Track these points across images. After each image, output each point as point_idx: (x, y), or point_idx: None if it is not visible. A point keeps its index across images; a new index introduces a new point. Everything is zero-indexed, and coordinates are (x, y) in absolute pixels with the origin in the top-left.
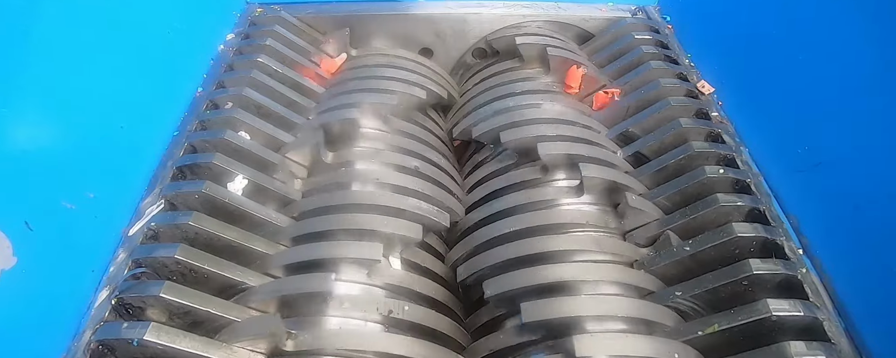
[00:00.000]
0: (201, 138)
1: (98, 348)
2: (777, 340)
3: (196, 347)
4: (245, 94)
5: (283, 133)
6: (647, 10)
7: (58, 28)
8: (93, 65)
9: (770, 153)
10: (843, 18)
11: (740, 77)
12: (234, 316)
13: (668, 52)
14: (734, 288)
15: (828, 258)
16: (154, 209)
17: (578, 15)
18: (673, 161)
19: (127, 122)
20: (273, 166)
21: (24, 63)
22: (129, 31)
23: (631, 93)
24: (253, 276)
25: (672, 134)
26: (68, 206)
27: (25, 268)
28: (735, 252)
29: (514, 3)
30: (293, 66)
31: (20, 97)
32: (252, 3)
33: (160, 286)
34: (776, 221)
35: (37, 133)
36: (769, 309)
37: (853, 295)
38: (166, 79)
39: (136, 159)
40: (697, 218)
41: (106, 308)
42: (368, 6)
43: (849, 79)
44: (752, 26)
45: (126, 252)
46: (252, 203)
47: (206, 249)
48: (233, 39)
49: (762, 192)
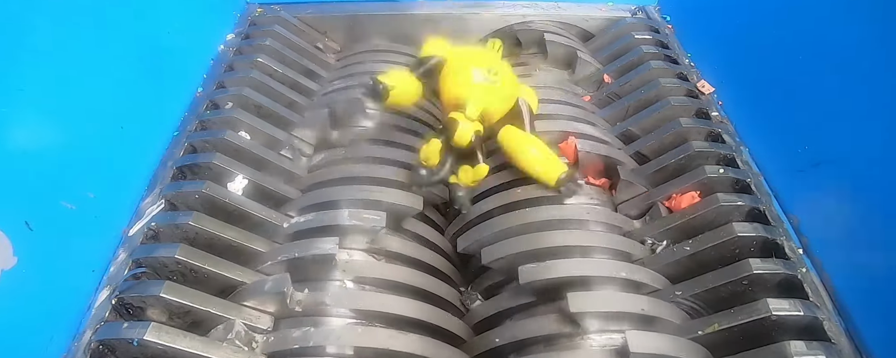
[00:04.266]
0: (201, 138)
1: (98, 348)
2: (777, 339)
3: (196, 347)
4: (245, 94)
5: (282, 133)
6: (647, 9)
7: (58, 28)
8: (93, 65)
9: (770, 153)
10: (843, 18)
11: (740, 77)
12: (234, 316)
13: (668, 52)
14: (734, 288)
15: (828, 258)
16: (154, 209)
17: (578, 14)
18: (673, 160)
19: (127, 122)
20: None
21: (24, 63)
22: (130, 31)
23: (631, 92)
24: (253, 275)
25: (672, 133)
26: (68, 206)
27: (26, 268)
28: (735, 252)
29: (515, 3)
30: (293, 67)
31: (20, 97)
32: (252, 4)
33: (160, 286)
34: (776, 220)
35: (37, 133)
36: (769, 308)
37: (853, 295)
38: (166, 79)
39: (137, 159)
40: (697, 218)
41: (106, 308)
42: (368, 6)
43: (849, 79)
44: (752, 26)
45: (126, 252)
46: (252, 203)
47: (207, 249)
48: (233, 39)
49: (762, 191)
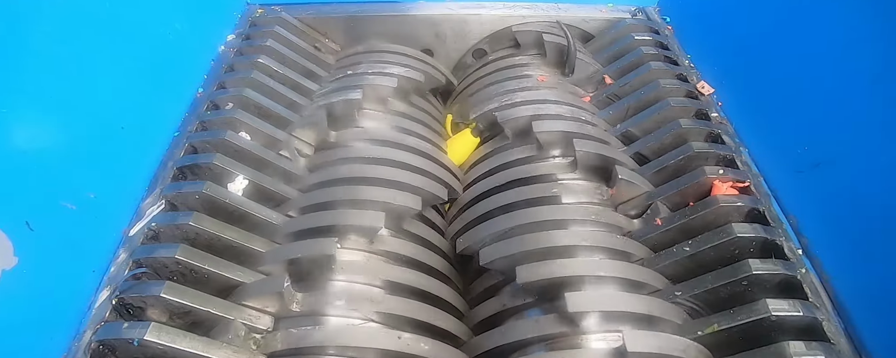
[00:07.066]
0: (202, 139)
1: (98, 348)
2: (776, 340)
3: (196, 347)
4: (245, 94)
5: (283, 133)
6: (647, 10)
7: (58, 28)
8: (93, 65)
9: (770, 153)
10: (843, 18)
11: (740, 78)
12: (235, 316)
13: (668, 53)
14: (734, 288)
15: (827, 258)
16: (154, 209)
17: (578, 16)
18: (673, 161)
19: (127, 122)
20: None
21: (24, 63)
22: (130, 31)
23: (631, 93)
24: (253, 276)
25: (672, 134)
26: (69, 206)
27: (26, 268)
28: (735, 252)
29: (514, 4)
30: (293, 68)
31: (20, 97)
32: (252, 4)
33: (161, 286)
34: (776, 221)
35: (37, 133)
36: (769, 309)
37: (852, 295)
38: (167, 79)
39: (137, 160)
40: (697, 218)
41: (106, 308)
42: (368, 7)
43: (848, 79)
44: (752, 27)
45: (126, 252)
46: (252, 203)
47: (207, 249)
48: (233, 40)
49: (762, 192)
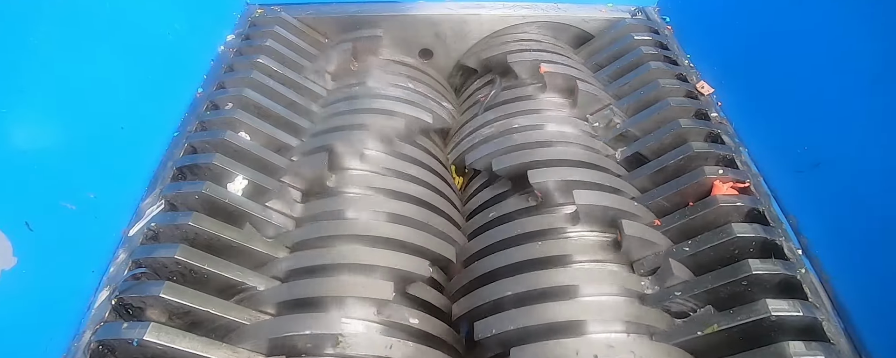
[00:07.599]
0: (201, 139)
1: (98, 348)
2: (776, 340)
3: (196, 347)
4: (245, 94)
5: (283, 134)
6: (647, 10)
7: (58, 29)
8: (93, 65)
9: (769, 153)
10: (843, 18)
11: (739, 77)
12: (234, 316)
13: (668, 53)
14: (734, 288)
15: (827, 258)
16: (154, 209)
17: (578, 16)
18: (672, 162)
19: (127, 122)
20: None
21: (24, 63)
22: (130, 31)
23: (630, 93)
24: (253, 276)
25: (671, 134)
26: (68, 206)
27: (25, 268)
28: (734, 252)
29: (514, 4)
30: (293, 68)
31: (20, 97)
32: (252, 4)
33: (160, 286)
34: (775, 221)
35: (37, 133)
36: (768, 309)
37: (852, 295)
38: (167, 79)
39: (137, 160)
40: (697, 218)
41: (106, 308)
42: (368, 7)
43: (848, 79)
44: (752, 27)
45: (126, 252)
46: (252, 203)
47: (206, 249)
48: (233, 40)
49: (761, 192)
